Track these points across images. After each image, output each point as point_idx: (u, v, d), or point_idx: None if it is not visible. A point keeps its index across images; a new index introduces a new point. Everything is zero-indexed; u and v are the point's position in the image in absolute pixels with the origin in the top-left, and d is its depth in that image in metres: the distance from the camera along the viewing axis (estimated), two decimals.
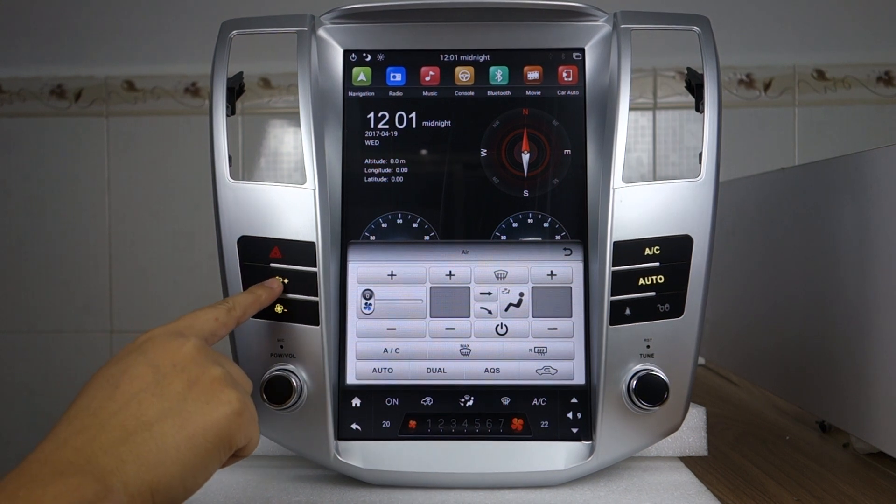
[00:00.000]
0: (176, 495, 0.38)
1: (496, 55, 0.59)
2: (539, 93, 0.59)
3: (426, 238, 0.57)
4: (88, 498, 0.34)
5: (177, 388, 0.39)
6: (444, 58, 0.59)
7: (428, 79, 0.59)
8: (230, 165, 0.55)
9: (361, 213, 0.58)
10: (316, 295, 0.54)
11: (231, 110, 0.56)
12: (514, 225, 0.57)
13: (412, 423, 0.56)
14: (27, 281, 1.44)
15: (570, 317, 0.56)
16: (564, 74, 0.59)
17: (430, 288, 0.57)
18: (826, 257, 0.66)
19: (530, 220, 0.58)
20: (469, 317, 0.57)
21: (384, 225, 0.58)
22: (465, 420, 0.56)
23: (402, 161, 0.58)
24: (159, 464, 0.37)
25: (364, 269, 0.57)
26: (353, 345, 0.57)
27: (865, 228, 0.59)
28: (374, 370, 0.56)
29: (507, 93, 0.59)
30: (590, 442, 0.55)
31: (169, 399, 0.39)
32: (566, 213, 0.57)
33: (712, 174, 0.54)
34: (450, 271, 0.57)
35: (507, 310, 0.57)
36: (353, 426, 0.56)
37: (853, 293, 0.61)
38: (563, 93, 0.59)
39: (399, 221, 0.58)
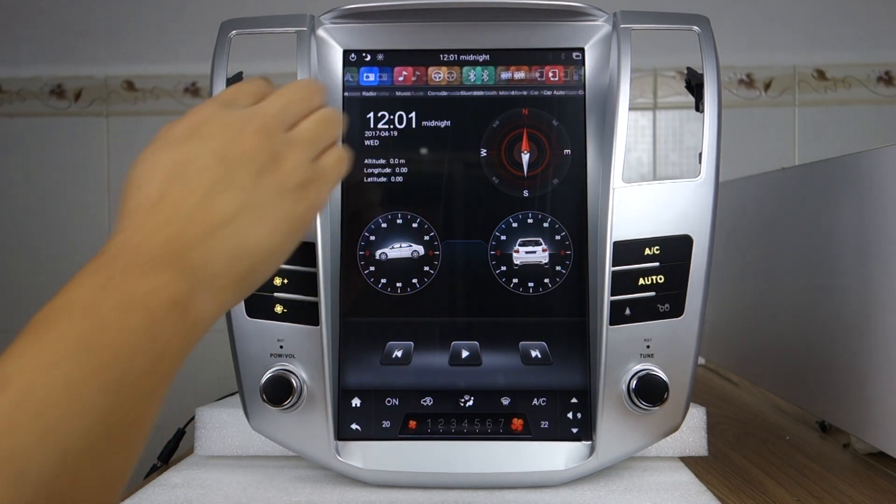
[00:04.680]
0: (259, 280, 0.39)
1: (496, 55, 0.59)
2: (539, 92, 0.59)
3: (426, 238, 0.58)
4: (180, 294, 0.34)
5: (247, 181, 0.38)
6: (443, 57, 0.59)
7: (428, 79, 0.59)
8: None
9: (361, 213, 0.58)
10: (316, 295, 0.54)
11: None
12: (514, 225, 0.57)
13: (412, 423, 0.56)
14: (26, 281, 1.44)
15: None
16: (564, 74, 0.59)
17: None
18: (826, 257, 0.66)
19: (530, 220, 0.58)
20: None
21: (384, 225, 0.58)
22: (465, 420, 0.56)
23: (402, 161, 0.58)
24: (244, 256, 0.37)
25: None
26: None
27: (865, 228, 0.59)
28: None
29: (507, 92, 0.59)
30: (590, 442, 0.55)
31: (243, 192, 0.38)
32: (566, 213, 0.57)
33: (712, 174, 0.54)
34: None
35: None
36: (353, 426, 0.56)
37: (853, 293, 0.61)
38: (563, 93, 0.59)
39: (399, 221, 0.58)
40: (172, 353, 0.33)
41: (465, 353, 0.57)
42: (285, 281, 0.54)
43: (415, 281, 0.57)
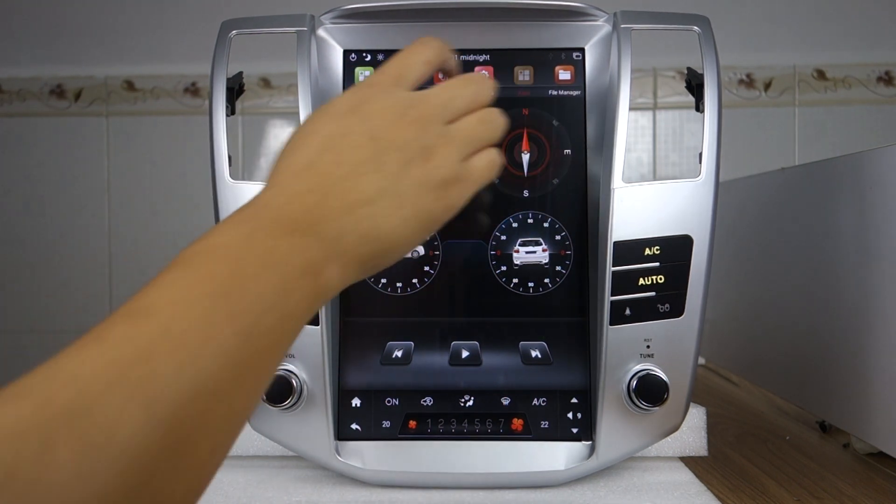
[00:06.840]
0: (382, 264, 0.39)
1: (496, 55, 0.59)
2: (539, 93, 0.59)
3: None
4: (316, 259, 0.35)
5: (394, 168, 0.39)
6: None
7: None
8: (230, 165, 0.55)
9: None
10: None
11: (231, 110, 0.56)
12: (514, 225, 0.57)
13: (412, 423, 0.56)
14: (27, 281, 1.44)
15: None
16: (564, 74, 0.59)
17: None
18: (826, 257, 0.66)
19: (530, 220, 0.58)
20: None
21: None
22: (465, 420, 0.56)
23: None
24: (374, 239, 0.38)
25: None
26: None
27: (865, 228, 0.59)
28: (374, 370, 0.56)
29: (507, 93, 0.59)
30: (590, 442, 0.55)
31: (387, 177, 0.38)
32: (566, 213, 0.57)
33: (712, 174, 0.54)
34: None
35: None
36: (353, 426, 0.56)
37: (853, 293, 0.61)
38: (562, 93, 0.59)
39: None
40: (299, 314, 0.35)
41: (465, 353, 0.57)
42: None
43: (415, 281, 0.57)
